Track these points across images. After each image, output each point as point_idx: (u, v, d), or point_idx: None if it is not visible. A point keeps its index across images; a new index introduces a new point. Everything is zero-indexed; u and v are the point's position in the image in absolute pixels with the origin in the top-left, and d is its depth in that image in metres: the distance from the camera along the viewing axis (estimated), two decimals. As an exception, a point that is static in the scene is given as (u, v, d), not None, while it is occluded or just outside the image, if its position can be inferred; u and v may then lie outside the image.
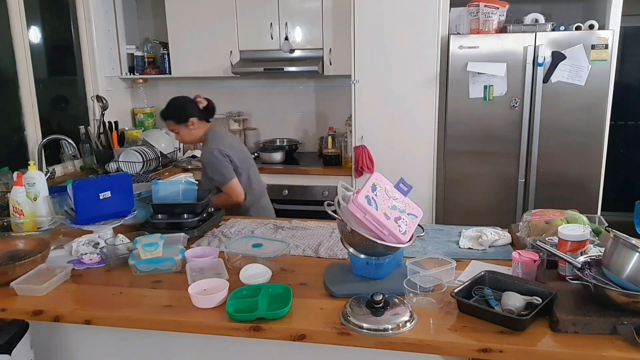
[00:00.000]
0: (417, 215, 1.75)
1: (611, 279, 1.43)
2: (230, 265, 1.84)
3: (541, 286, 1.52)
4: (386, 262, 1.70)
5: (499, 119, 3.23)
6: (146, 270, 1.82)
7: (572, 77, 3.09)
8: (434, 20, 3.23)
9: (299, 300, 1.57)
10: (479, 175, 3.34)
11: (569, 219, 1.86)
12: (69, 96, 3.80)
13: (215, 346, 1.77)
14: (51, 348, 1.92)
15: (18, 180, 2.15)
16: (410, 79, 3.32)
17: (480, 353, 1.34)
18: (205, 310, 1.55)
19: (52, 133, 3.26)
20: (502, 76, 3.15)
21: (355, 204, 1.62)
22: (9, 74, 3.14)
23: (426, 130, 3.37)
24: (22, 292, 1.68)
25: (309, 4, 3.69)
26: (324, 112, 4.14)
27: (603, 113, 3.14)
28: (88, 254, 1.94)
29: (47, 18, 3.52)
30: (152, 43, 4.19)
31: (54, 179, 3.15)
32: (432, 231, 2.20)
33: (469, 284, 1.57)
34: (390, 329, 1.41)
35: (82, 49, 3.81)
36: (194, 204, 2.26)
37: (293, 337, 1.45)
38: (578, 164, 3.21)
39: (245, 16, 3.78)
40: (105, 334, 1.82)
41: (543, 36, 3.08)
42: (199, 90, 4.33)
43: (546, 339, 1.36)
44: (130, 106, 4.34)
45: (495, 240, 2.02)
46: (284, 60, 3.78)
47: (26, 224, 2.10)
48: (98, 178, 2.74)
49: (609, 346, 1.31)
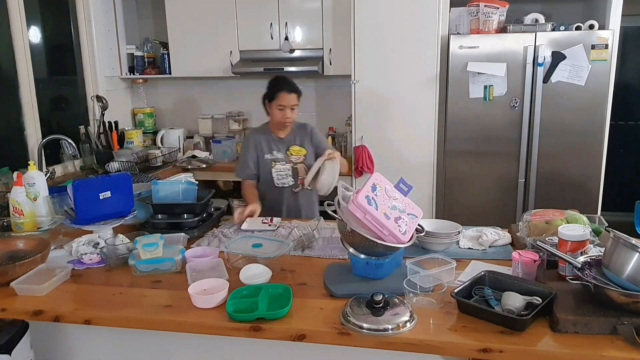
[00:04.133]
0: (417, 215, 1.75)
1: (611, 279, 1.43)
2: (230, 265, 1.84)
3: (541, 286, 1.52)
4: (386, 262, 1.70)
5: (499, 119, 3.23)
6: (146, 270, 1.82)
7: (572, 77, 3.09)
8: (434, 20, 3.23)
9: (299, 300, 1.57)
10: (479, 175, 3.34)
11: (569, 219, 1.87)
12: (69, 96, 3.80)
13: (215, 346, 1.77)
14: (51, 348, 1.91)
15: (18, 180, 2.15)
16: (410, 79, 3.32)
17: (480, 353, 1.34)
18: (205, 310, 1.55)
19: (52, 133, 3.25)
20: (502, 76, 3.15)
21: (355, 204, 1.62)
22: (9, 74, 3.14)
23: (426, 130, 3.36)
24: (22, 292, 1.68)
25: (309, 4, 3.69)
26: (324, 112, 4.13)
27: (603, 113, 3.14)
28: (88, 254, 1.94)
29: (47, 18, 3.52)
30: (152, 43, 4.19)
31: (54, 179, 3.15)
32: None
33: (469, 284, 1.57)
34: (390, 329, 1.41)
35: (82, 49, 3.81)
36: (194, 204, 2.26)
37: (293, 337, 1.45)
38: (578, 164, 3.21)
39: (245, 16, 3.78)
40: (105, 334, 1.82)
41: (543, 36, 3.08)
42: (199, 90, 4.38)
43: (546, 339, 1.36)
44: (130, 106, 4.34)
45: (495, 240, 2.02)
46: (284, 60, 3.78)
47: (26, 224, 2.10)
48: (98, 178, 2.74)
49: (609, 346, 1.31)
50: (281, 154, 2.68)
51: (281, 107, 2.59)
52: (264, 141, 2.70)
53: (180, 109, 4.41)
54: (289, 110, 2.59)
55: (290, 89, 2.59)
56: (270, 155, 2.68)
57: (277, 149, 2.69)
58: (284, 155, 2.68)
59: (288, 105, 2.58)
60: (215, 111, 4.26)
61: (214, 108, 4.28)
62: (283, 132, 2.71)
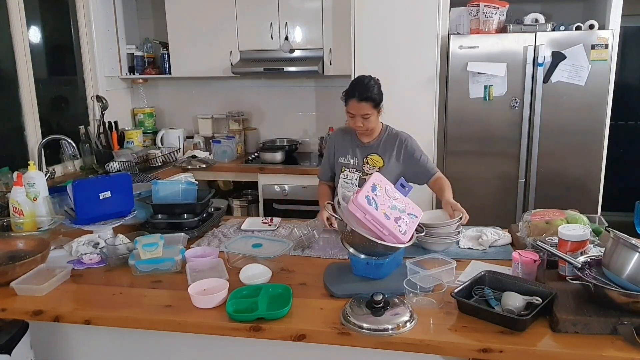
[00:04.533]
0: (417, 215, 1.75)
1: (611, 279, 1.43)
2: (230, 265, 1.85)
3: (541, 286, 1.52)
4: (386, 262, 1.70)
5: (499, 119, 3.22)
6: (146, 270, 1.82)
7: (572, 77, 3.09)
8: (434, 20, 3.22)
9: (299, 300, 1.57)
10: (479, 175, 3.34)
11: (569, 219, 1.87)
12: (69, 96, 3.80)
13: (215, 346, 1.77)
14: (51, 348, 1.92)
15: (18, 180, 2.15)
16: (410, 79, 3.32)
17: (480, 353, 1.35)
18: (205, 310, 1.55)
19: (52, 133, 3.25)
20: (502, 76, 3.15)
21: (355, 204, 1.63)
22: (9, 74, 3.14)
23: (426, 131, 3.36)
24: (22, 292, 1.68)
25: (309, 4, 3.69)
26: (324, 112, 4.13)
27: (603, 113, 3.14)
28: (88, 254, 1.94)
29: (47, 18, 3.52)
30: (152, 43, 4.19)
31: (54, 179, 3.15)
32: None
33: (469, 284, 1.57)
34: (390, 329, 1.41)
35: (82, 49, 3.80)
36: (194, 204, 2.26)
37: (293, 337, 1.45)
38: (578, 164, 3.21)
39: (245, 16, 3.78)
40: (105, 334, 1.82)
41: (543, 36, 3.08)
42: (199, 90, 4.38)
43: (546, 339, 1.36)
44: (130, 106, 4.34)
45: (495, 240, 2.02)
46: (284, 60, 3.78)
47: (26, 224, 2.10)
48: (98, 178, 2.75)
49: (609, 346, 1.31)
50: (355, 160, 2.41)
51: (351, 115, 2.32)
52: (343, 142, 2.47)
53: (180, 109, 4.40)
54: (359, 119, 2.29)
55: (362, 97, 2.27)
56: (344, 159, 2.44)
57: (352, 154, 2.43)
58: (358, 162, 2.41)
59: (358, 114, 2.28)
60: (215, 111, 4.26)
61: (214, 108, 4.28)
62: (367, 137, 2.42)
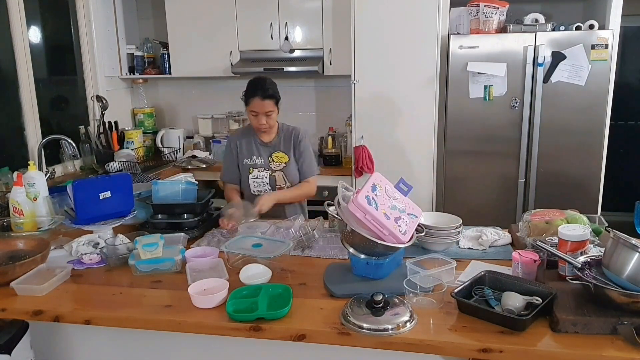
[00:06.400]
0: (417, 215, 1.75)
1: (611, 279, 1.43)
2: (230, 265, 1.84)
3: (541, 286, 1.52)
4: (386, 262, 1.70)
5: (499, 119, 3.23)
6: (146, 270, 1.82)
7: (572, 77, 3.09)
8: (434, 20, 3.22)
9: (299, 300, 1.57)
10: (479, 175, 3.34)
11: (569, 219, 1.87)
12: (69, 96, 3.80)
13: (215, 346, 1.77)
14: (51, 348, 1.91)
15: (18, 180, 2.15)
16: (410, 79, 3.32)
17: (480, 353, 1.34)
18: (205, 310, 1.55)
19: (52, 133, 3.25)
20: (502, 76, 3.15)
21: (355, 204, 1.62)
22: (9, 74, 3.14)
23: (426, 130, 3.36)
24: (22, 292, 1.68)
25: (309, 4, 3.69)
26: (324, 112, 4.13)
27: (603, 113, 3.14)
28: (88, 254, 1.94)
29: (47, 18, 3.52)
30: (152, 43, 4.19)
31: (54, 179, 3.15)
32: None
33: (469, 284, 1.57)
34: (390, 329, 1.41)
35: (82, 49, 3.80)
36: (194, 204, 2.26)
37: (293, 337, 1.45)
38: (578, 164, 3.21)
39: (245, 16, 3.78)
40: (105, 334, 1.82)
41: (543, 36, 3.08)
42: (199, 90, 4.38)
43: (546, 339, 1.36)
44: (130, 106, 4.34)
45: (495, 240, 2.02)
46: (284, 60, 3.78)
47: (26, 224, 2.10)
48: (98, 178, 2.74)
49: (609, 346, 1.31)
50: (261, 159, 2.54)
51: (254, 113, 2.43)
52: (245, 145, 2.57)
53: (180, 109, 4.41)
54: (263, 117, 2.42)
55: (265, 95, 2.39)
56: (249, 161, 2.55)
57: (258, 154, 2.55)
58: (264, 161, 2.54)
59: (261, 111, 2.41)
60: (215, 111, 4.26)
61: (214, 108, 4.28)
62: (267, 136, 2.56)
